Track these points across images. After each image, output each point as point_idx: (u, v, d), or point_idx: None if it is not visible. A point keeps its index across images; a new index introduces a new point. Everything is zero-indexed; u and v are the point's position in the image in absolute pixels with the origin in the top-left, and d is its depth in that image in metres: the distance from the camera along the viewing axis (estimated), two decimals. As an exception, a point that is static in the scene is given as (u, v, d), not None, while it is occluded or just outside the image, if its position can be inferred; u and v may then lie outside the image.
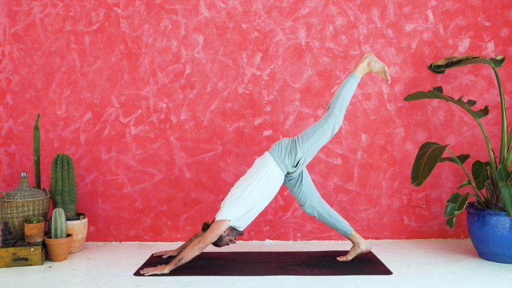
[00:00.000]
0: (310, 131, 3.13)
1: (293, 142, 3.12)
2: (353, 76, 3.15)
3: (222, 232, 2.97)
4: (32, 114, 3.92)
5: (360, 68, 3.18)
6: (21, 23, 3.92)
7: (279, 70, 3.88)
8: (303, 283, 2.82)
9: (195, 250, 2.96)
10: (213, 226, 2.96)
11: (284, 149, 3.11)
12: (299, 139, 3.12)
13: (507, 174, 3.21)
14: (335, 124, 3.11)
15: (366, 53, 3.22)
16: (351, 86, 3.12)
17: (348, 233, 3.27)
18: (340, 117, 3.10)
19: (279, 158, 3.10)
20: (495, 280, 2.85)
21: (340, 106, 3.10)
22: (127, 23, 3.89)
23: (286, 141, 3.15)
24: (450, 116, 3.88)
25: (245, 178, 3.13)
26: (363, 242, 3.27)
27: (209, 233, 2.95)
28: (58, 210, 3.37)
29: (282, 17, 3.87)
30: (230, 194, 3.09)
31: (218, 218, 2.99)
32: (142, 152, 3.90)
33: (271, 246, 3.75)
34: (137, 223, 3.91)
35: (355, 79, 3.14)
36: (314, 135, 3.11)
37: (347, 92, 3.11)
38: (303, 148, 3.10)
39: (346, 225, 3.27)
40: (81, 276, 3.02)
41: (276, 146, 3.16)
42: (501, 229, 3.15)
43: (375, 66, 3.19)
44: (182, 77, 3.89)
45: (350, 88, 3.11)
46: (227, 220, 2.97)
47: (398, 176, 3.89)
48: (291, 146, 3.11)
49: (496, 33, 3.85)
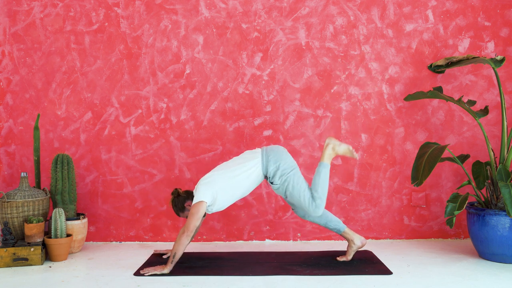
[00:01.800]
0: (298, 190, 3.09)
1: (285, 169, 3.09)
2: (323, 164, 3.15)
3: (202, 214, 3.01)
4: (32, 114, 3.92)
5: (327, 155, 3.18)
6: (21, 23, 3.92)
7: (279, 70, 3.88)
8: (303, 283, 2.82)
9: (183, 240, 2.97)
10: (192, 210, 3.01)
11: (274, 161, 3.10)
12: (288, 178, 3.09)
13: (507, 174, 3.21)
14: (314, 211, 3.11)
15: (327, 139, 3.21)
16: (325, 174, 3.14)
17: (342, 231, 3.27)
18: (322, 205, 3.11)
19: (266, 160, 3.11)
20: (495, 280, 2.85)
21: (322, 197, 3.10)
22: (127, 23, 3.89)
23: (283, 156, 3.11)
24: (450, 116, 3.88)
25: (227, 165, 3.16)
26: (357, 237, 3.27)
27: (190, 219, 2.99)
28: (58, 210, 3.37)
29: (282, 17, 3.87)
30: (208, 175, 3.14)
31: (194, 200, 3.03)
32: (142, 152, 3.90)
33: (271, 246, 3.75)
34: (137, 223, 3.91)
35: (326, 167, 3.15)
36: (298, 195, 3.10)
37: (324, 181, 3.13)
38: (283, 184, 3.10)
39: (338, 223, 3.27)
40: (81, 276, 3.02)
41: (272, 151, 3.14)
42: (501, 229, 3.15)
43: (340, 149, 3.19)
44: (182, 77, 3.89)
45: (325, 177, 3.13)
46: (204, 202, 3.02)
47: (398, 176, 3.89)
48: (281, 171, 3.09)
49: (496, 33, 3.85)
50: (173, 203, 3.23)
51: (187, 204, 3.18)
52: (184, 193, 3.22)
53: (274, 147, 3.21)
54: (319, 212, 3.10)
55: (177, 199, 3.20)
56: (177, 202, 3.20)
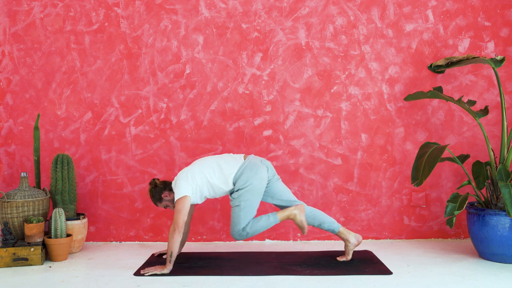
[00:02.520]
0: (243, 214, 3.09)
1: (246, 192, 3.08)
2: (276, 217, 3.14)
3: (188, 208, 3.02)
4: (32, 114, 3.92)
5: (285, 215, 3.15)
6: (21, 23, 3.92)
7: (279, 70, 3.88)
8: (303, 283, 2.82)
9: (175, 237, 2.98)
10: (177, 207, 3.03)
11: (245, 181, 3.08)
12: (243, 201, 3.08)
13: (507, 174, 3.21)
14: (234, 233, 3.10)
15: (300, 206, 3.17)
16: (269, 224, 3.13)
17: (336, 231, 3.27)
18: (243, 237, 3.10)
19: (240, 174, 3.10)
20: (495, 280, 2.85)
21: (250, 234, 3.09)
22: (127, 23, 3.89)
23: (253, 178, 3.09)
24: (450, 116, 3.88)
25: (209, 165, 3.15)
26: (352, 235, 3.27)
27: (177, 215, 3.00)
28: (58, 210, 3.37)
29: (282, 17, 3.87)
30: (185, 169, 3.16)
31: (176, 196, 3.05)
32: (142, 152, 3.90)
33: (271, 246, 3.75)
34: (137, 223, 3.91)
35: (275, 220, 3.14)
36: (237, 216, 3.10)
37: (263, 226, 3.12)
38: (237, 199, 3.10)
39: (332, 224, 3.27)
40: (81, 276, 3.02)
41: (250, 170, 3.10)
42: (501, 229, 3.15)
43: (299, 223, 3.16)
44: (182, 77, 3.89)
45: (268, 225, 3.13)
46: (187, 196, 3.04)
47: (398, 176, 3.89)
48: (244, 191, 3.08)
49: (496, 33, 3.85)
50: (150, 193, 3.26)
51: (164, 195, 3.21)
52: (161, 184, 3.24)
53: (256, 165, 3.14)
54: (234, 237, 3.11)
55: (154, 190, 3.24)
56: (155, 193, 3.24)
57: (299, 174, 3.88)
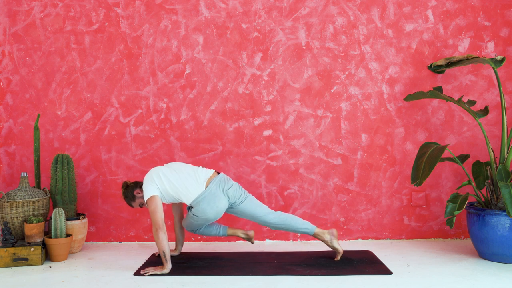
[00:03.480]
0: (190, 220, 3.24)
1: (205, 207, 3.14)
2: (225, 231, 3.41)
3: (160, 206, 3.07)
4: (32, 114, 3.92)
5: (232, 232, 3.44)
6: (21, 23, 3.92)
7: (279, 70, 3.88)
8: (303, 283, 2.82)
9: (161, 236, 3.00)
10: (150, 208, 3.08)
11: (199, 210, 3.14)
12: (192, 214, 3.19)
13: (507, 174, 3.21)
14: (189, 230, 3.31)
15: (251, 233, 3.46)
16: (217, 233, 3.39)
17: (312, 233, 3.27)
18: (194, 232, 3.35)
19: (198, 201, 3.13)
20: (495, 280, 2.85)
21: (201, 232, 3.34)
22: (127, 23, 3.89)
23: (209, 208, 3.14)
24: (450, 116, 3.88)
25: (172, 176, 3.18)
26: (326, 232, 3.28)
27: (154, 216, 3.05)
28: (58, 210, 3.37)
29: (282, 17, 3.87)
30: (153, 172, 3.21)
31: (145, 197, 3.10)
32: (142, 152, 3.90)
33: (271, 246, 3.75)
34: (137, 223, 3.91)
35: (224, 233, 3.40)
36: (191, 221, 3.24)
37: (213, 234, 3.38)
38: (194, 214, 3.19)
39: (307, 227, 3.27)
40: (81, 276, 3.02)
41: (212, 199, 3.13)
42: (501, 229, 3.15)
43: (245, 236, 3.45)
44: (182, 77, 3.89)
45: (216, 233, 3.38)
46: (155, 196, 3.10)
47: (398, 176, 3.89)
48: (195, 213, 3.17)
49: (496, 33, 3.85)
50: (123, 195, 3.31)
51: (136, 192, 3.26)
52: (132, 184, 3.31)
53: (215, 197, 3.14)
54: (186, 228, 3.31)
55: (126, 191, 3.29)
56: (127, 193, 3.30)
57: (299, 174, 3.88)
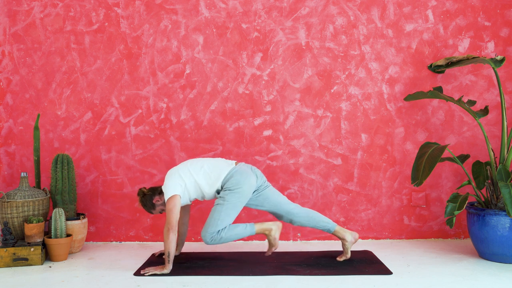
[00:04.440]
0: (223, 216, 3.03)
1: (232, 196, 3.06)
2: (253, 228, 3.12)
3: (179, 206, 3.02)
4: (32, 114, 3.92)
5: (262, 228, 3.13)
6: (21, 23, 3.92)
7: (279, 70, 3.88)
8: (303, 283, 2.82)
9: (170, 237, 2.97)
10: (168, 206, 3.02)
11: (235, 184, 3.06)
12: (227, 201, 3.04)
13: (507, 174, 3.21)
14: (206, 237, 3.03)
15: (278, 223, 3.17)
16: (244, 233, 3.10)
17: (332, 231, 3.26)
18: (215, 242, 3.03)
19: (229, 177, 3.09)
20: (495, 280, 2.85)
21: (223, 239, 3.03)
22: (127, 23, 3.89)
23: (239, 185, 3.07)
24: (450, 116, 3.88)
25: (197, 164, 3.14)
26: (348, 233, 3.26)
27: (169, 215, 3.00)
28: (58, 210, 3.37)
29: (282, 17, 3.87)
30: (173, 168, 3.16)
31: (166, 196, 3.04)
32: (142, 152, 3.90)
33: (271, 246, 3.75)
34: (137, 223, 3.91)
35: (251, 231, 3.12)
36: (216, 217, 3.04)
37: (237, 235, 3.07)
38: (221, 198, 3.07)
39: (328, 223, 3.26)
40: (81, 276, 3.02)
41: (240, 174, 3.08)
42: (501, 229, 3.15)
43: (272, 240, 3.15)
44: (182, 77, 3.89)
45: (242, 234, 3.09)
46: (177, 195, 3.03)
47: (398, 176, 3.89)
48: (231, 192, 3.06)
49: (496, 33, 3.85)
50: (142, 203, 3.24)
51: (155, 200, 3.21)
52: (149, 191, 3.23)
53: (246, 172, 3.12)
54: (205, 240, 3.02)
55: (144, 199, 3.23)
56: (146, 201, 3.22)
57: (299, 174, 3.88)
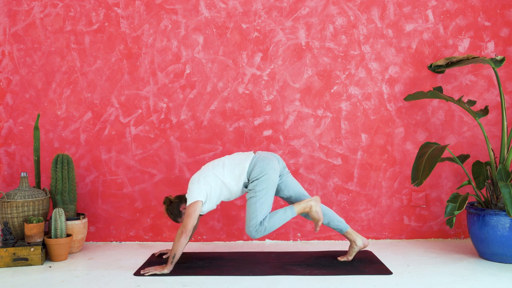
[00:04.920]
0: (259, 206, 3.03)
1: (262, 182, 3.05)
2: (293, 210, 3.10)
3: (198, 213, 3.01)
4: (32, 114, 3.92)
5: (302, 207, 3.12)
6: (21, 23, 3.92)
7: (279, 70, 3.88)
8: (303, 283, 2.82)
9: (182, 241, 2.97)
10: (188, 210, 3.00)
11: (260, 172, 3.06)
12: (260, 192, 3.04)
13: (507, 174, 3.21)
14: (251, 231, 3.03)
15: (316, 197, 3.16)
16: (286, 217, 3.09)
17: (344, 231, 3.27)
18: (260, 234, 3.03)
19: (253, 167, 3.09)
20: (495, 280, 2.85)
21: (268, 229, 3.03)
22: (127, 23, 3.89)
23: (266, 170, 3.06)
24: (450, 116, 3.88)
25: (219, 164, 3.14)
26: (359, 238, 3.26)
27: (187, 219, 2.99)
28: (58, 210, 3.37)
29: (282, 17, 3.87)
30: (199, 174, 3.14)
31: (189, 201, 3.03)
32: (142, 152, 3.90)
33: (271, 246, 3.75)
34: (137, 223, 3.91)
35: (292, 213, 3.10)
36: (254, 209, 3.04)
37: (280, 220, 3.07)
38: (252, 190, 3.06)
39: (341, 223, 3.27)
40: (81, 276, 3.02)
41: (262, 161, 3.09)
42: (501, 229, 3.15)
43: (314, 214, 3.13)
44: (182, 77, 3.89)
45: (285, 218, 3.08)
46: (199, 201, 3.01)
47: (398, 176, 3.89)
48: (260, 181, 3.04)
49: (496, 33, 3.85)
50: (168, 211, 3.23)
51: (182, 208, 3.18)
52: (176, 199, 3.22)
53: (267, 157, 3.14)
54: (251, 234, 3.03)
55: (171, 206, 3.21)
56: (172, 209, 3.21)
57: (299, 174, 3.88)
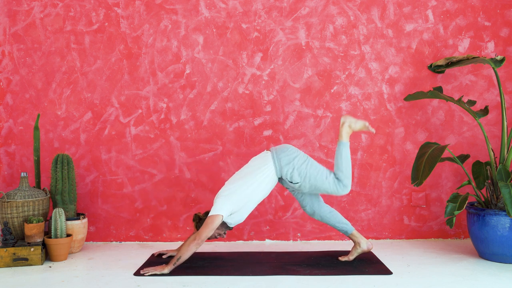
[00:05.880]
0: (320, 179, 3.11)
1: (300, 165, 3.10)
2: (343, 143, 3.17)
3: (216, 226, 2.99)
4: (32, 114, 3.92)
5: (344, 133, 3.18)
6: (21, 23, 3.92)
7: (279, 70, 3.88)
8: (303, 283, 2.82)
9: (191, 247, 2.97)
10: (207, 221, 2.99)
11: (288, 161, 3.10)
12: (307, 173, 3.09)
13: (507, 174, 3.21)
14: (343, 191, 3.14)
15: (343, 117, 3.20)
16: (346, 153, 3.15)
17: (349, 233, 3.27)
18: (349, 183, 3.14)
19: (278, 164, 3.11)
20: (495, 280, 2.85)
21: (348, 175, 3.13)
22: (127, 23, 3.89)
23: (294, 154, 3.12)
24: (450, 116, 3.88)
25: (240, 176, 3.14)
26: (364, 241, 3.27)
27: (203, 229, 2.97)
28: (58, 210, 3.37)
29: (282, 17, 3.87)
30: (224, 189, 3.12)
31: (211, 213, 3.02)
32: (142, 152, 3.90)
33: (271, 246, 3.75)
34: (137, 223, 3.91)
35: (346, 146, 3.16)
36: (321, 183, 3.12)
37: (347, 160, 3.15)
38: (305, 179, 3.11)
39: (347, 225, 3.28)
40: (81, 276, 3.02)
41: (282, 152, 3.14)
42: (501, 229, 3.15)
43: (356, 126, 3.20)
44: (182, 77, 3.89)
45: (347, 155, 3.15)
46: (220, 215, 3.00)
47: (398, 176, 3.89)
48: (297, 169, 3.09)
49: (496, 33, 3.85)
50: (197, 229, 3.20)
51: None
52: (204, 215, 3.21)
53: (282, 148, 3.18)
54: (347, 190, 3.14)
55: (200, 224, 3.19)
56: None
57: (299, 174, 3.87)
